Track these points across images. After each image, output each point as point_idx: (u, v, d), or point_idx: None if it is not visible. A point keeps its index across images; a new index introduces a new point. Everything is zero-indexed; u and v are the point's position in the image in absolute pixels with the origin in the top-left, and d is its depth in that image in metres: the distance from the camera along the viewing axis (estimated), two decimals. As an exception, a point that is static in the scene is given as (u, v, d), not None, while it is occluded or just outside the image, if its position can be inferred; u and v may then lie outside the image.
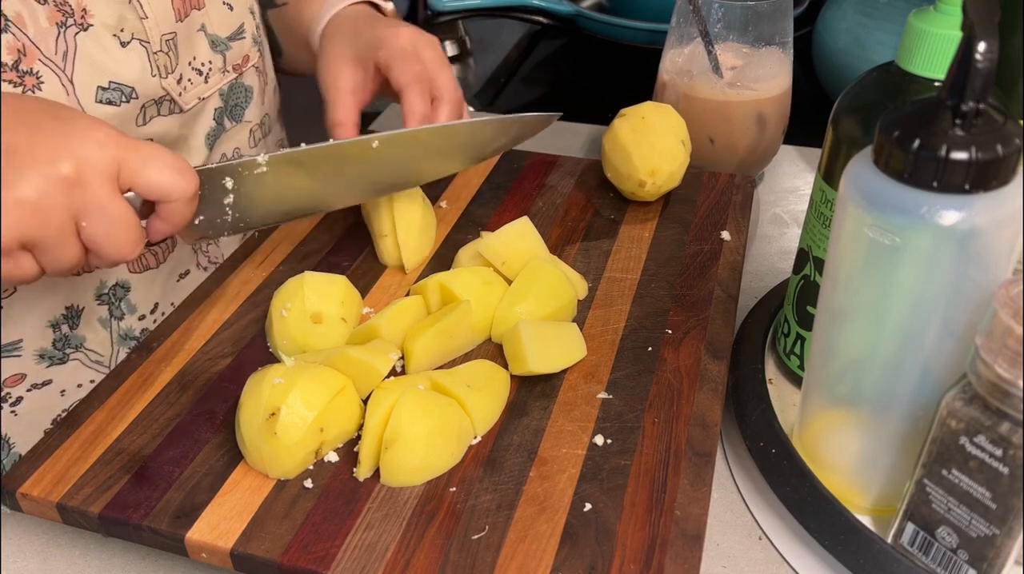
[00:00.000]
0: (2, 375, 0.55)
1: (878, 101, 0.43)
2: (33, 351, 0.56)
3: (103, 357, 0.60)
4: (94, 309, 0.58)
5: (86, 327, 0.58)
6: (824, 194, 0.46)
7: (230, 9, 0.62)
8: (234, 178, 0.50)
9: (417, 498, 0.42)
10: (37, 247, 0.40)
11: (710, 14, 0.69)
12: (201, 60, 0.59)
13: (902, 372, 0.39)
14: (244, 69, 0.64)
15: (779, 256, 0.69)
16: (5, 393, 0.56)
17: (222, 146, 0.64)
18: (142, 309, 0.61)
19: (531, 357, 0.47)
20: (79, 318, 0.57)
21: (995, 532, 0.37)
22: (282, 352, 0.50)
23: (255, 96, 0.66)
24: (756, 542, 0.47)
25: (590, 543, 0.40)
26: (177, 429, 0.46)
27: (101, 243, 0.41)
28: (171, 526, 0.41)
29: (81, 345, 0.58)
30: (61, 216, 0.40)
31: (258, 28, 0.66)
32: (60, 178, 0.39)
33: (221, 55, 0.61)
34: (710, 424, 0.46)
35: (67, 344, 0.57)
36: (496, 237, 0.55)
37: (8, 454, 0.58)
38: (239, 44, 0.63)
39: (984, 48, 0.33)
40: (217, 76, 0.61)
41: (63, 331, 0.56)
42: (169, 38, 0.56)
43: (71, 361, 0.58)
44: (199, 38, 0.59)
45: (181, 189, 0.43)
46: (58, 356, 0.57)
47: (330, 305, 0.51)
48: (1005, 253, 0.36)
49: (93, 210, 0.40)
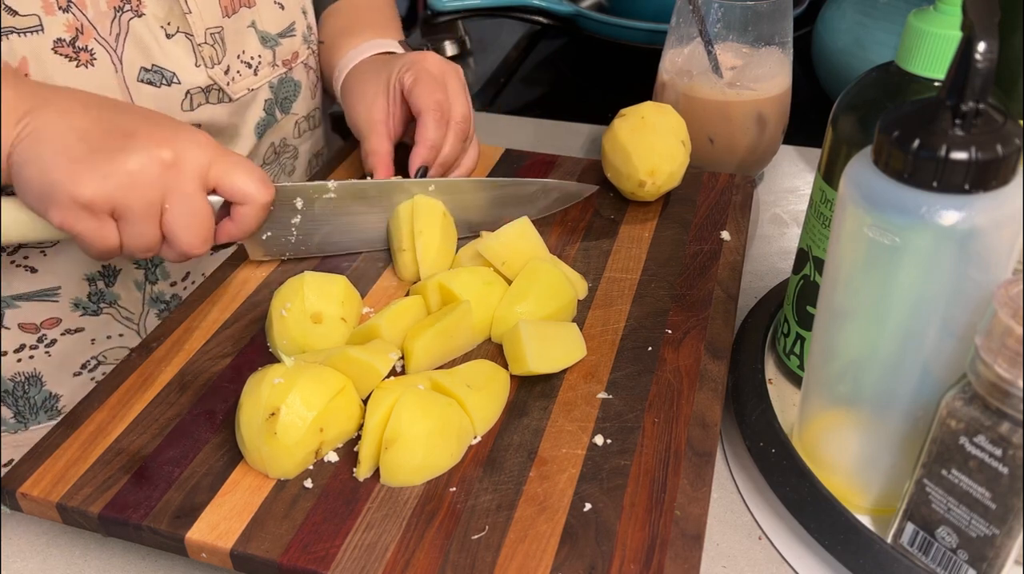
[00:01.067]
0: (40, 317, 0.61)
1: (878, 101, 0.43)
2: (70, 299, 0.62)
3: (133, 315, 0.65)
4: (131, 271, 0.64)
5: (121, 286, 0.64)
6: (824, 194, 0.46)
7: (281, 8, 0.66)
8: (304, 199, 0.56)
9: (417, 498, 0.42)
10: (124, 217, 0.45)
11: (710, 14, 0.69)
12: (251, 54, 0.64)
13: (902, 372, 0.39)
14: (294, 65, 0.68)
15: (779, 256, 0.69)
16: (41, 334, 0.62)
17: (271, 136, 0.68)
18: (175, 276, 0.66)
19: (531, 357, 0.47)
20: (115, 278, 0.63)
21: (995, 532, 0.37)
22: (282, 352, 0.50)
23: (303, 90, 0.70)
24: (756, 542, 0.47)
25: (590, 543, 0.40)
26: (177, 429, 0.46)
27: (177, 229, 0.47)
28: (171, 526, 0.41)
29: (115, 302, 0.64)
30: (152, 193, 0.45)
31: (310, 28, 0.70)
32: (160, 160, 0.45)
33: (271, 50, 0.66)
34: (710, 424, 0.46)
35: (101, 299, 0.63)
36: (496, 237, 0.55)
37: (40, 391, 0.64)
38: (289, 41, 0.67)
39: (984, 48, 0.33)
40: (267, 70, 0.65)
41: (99, 286, 0.63)
42: (215, 31, 0.60)
43: (103, 314, 0.64)
44: (249, 34, 0.63)
45: (260, 194, 0.49)
46: (92, 308, 0.63)
47: (330, 305, 0.51)
48: (1005, 253, 0.36)
49: (179, 196, 0.46)
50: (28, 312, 0.61)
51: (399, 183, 0.58)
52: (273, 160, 0.71)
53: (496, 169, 0.70)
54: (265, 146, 0.68)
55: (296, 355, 0.48)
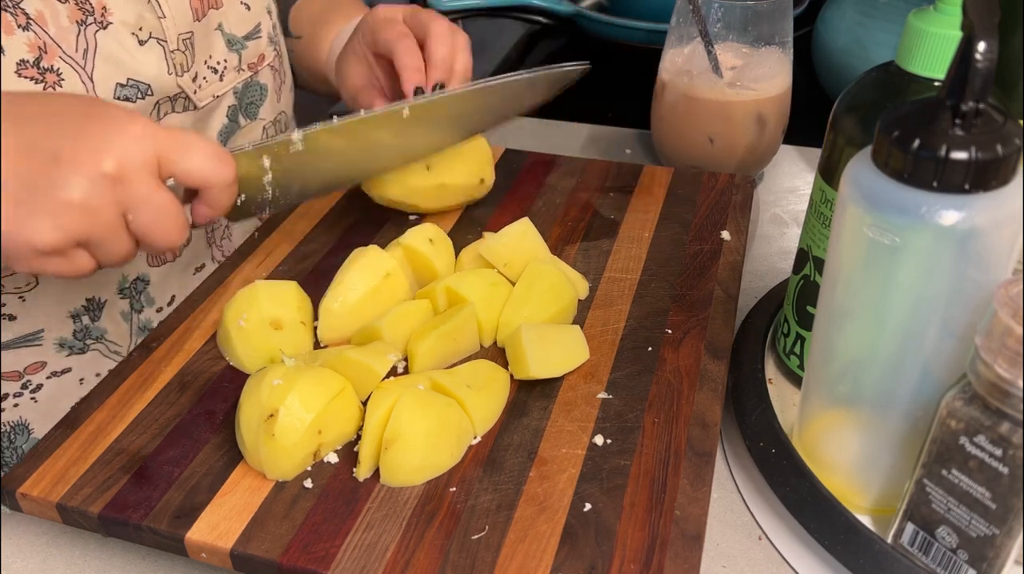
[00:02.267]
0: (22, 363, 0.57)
1: (878, 101, 0.43)
2: (54, 340, 0.57)
3: (121, 347, 0.61)
4: (116, 302, 0.60)
5: (107, 319, 0.60)
6: (824, 194, 0.46)
7: (247, 8, 0.63)
8: (271, 158, 0.51)
9: (417, 498, 0.42)
10: (91, 244, 0.42)
11: (710, 14, 0.69)
12: (217, 59, 0.60)
13: (902, 372, 0.39)
14: (259, 68, 0.65)
15: (779, 256, 0.69)
16: (25, 380, 0.57)
17: (235, 143, 0.65)
18: (160, 302, 0.63)
19: (532, 362, 0.47)
20: (101, 311, 0.59)
21: (995, 532, 0.37)
22: (245, 362, 0.50)
23: (270, 94, 0.67)
24: (756, 542, 0.47)
25: (590, 543, 0.40)
26: (177, 429, 0.46)
27: (149, 233, 0.43)
28: (171, 526, 0.41)
29: (102, 336, 0.60)
30: (109, 213, 0.42)
31: (275, 27, 0.67)
32: (104, 177, 0.41)
33: (237, 54, 0.62)
34: (710, 424, 0.46)
35: (88, 335, 0.59)
36: (498, 238, 0.55)
37: (28, 439, 0.60)
38: (255, 43, 0.64)
39: (984, 48, 0.32)
40: (232, 75, 0.62)
41: (84, 322, 0.58)
42: (186, 37, 0.57)
43: (91, 351, 0.60)
44: (216, 37, 0.60)
45: (220, 175, 0.45)
46: (78, 346, 0.59)
47: (287, 310, 0.51)
48: (1005, 253, 0.36)
49: (138, 203, 0.42)
50: (10, 360, 0.56)
51: (369, 117, 0.54)
52: None
53: (496, 169, 0.70)
54: None
55: (296, 356, 0.48)
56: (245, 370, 0.50)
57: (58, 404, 0.59)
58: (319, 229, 0.63)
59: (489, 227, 0.63)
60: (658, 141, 0.77)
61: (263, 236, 0.62)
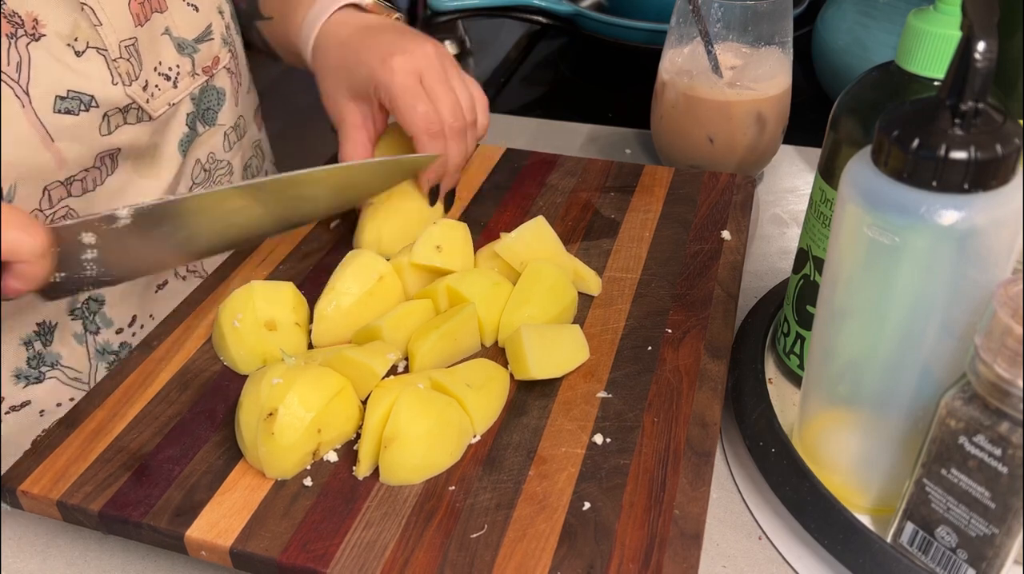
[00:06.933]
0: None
1: (878, 101, 0.43)
2: (9, 372, 0.55)
3: (81, 373, 0.59)
4: (67, 324, 0.57)
5: (61, 343, 0.57)
6: (824, 194, 0.46)
7: (195, 10, 0.60)
8: (95, 233, 0.46)
9: (416, 497, 0.42)
10: None
11: (710, 14, 0.69)
12: (168, 64, 0.58)
13: (901, 372, 0.39)
14: (215, 71, 0.62)
15: (779, 256, 0.69)
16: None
17: (196, 151, 0.63)
18: (119, 322, 0.60)
19: (533, 363, 0.47)
20: (52, 334, 0.56)
21: (994, 531, 0.37)
22: (239, 363, 0.50)
23: (228, 98, 0.64)
24: (756, 542, 0.47)
25: (589, 542, 0.40)
26: (177, 427, 0.46)
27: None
28: (171, 524, 0.41)
29: (57, 363, 0.57)
30: None
31: (228, 28, 0.64)
32: None
33: (189, 58, 0.60)
34: (709, 423, 0.46)
35: (42, 362, 0.56)
36: (514, 238, 0.55)
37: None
38: (207, 46, 0.61)
39: (983, 48, 0.33)
40: (187, 80, 0.59)
41: (36, 349, 0.56)
42: (129, 43, 0.54)
43: (48, 379, 0.57)
44: (164, 42, 0.57)
45: (27, 247, 0.42)
46: (34, 375, 0.56)
47: (282, 311, 0.51)
48: (1004, 253, 0.36)
49: None
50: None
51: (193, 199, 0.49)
52: (204, 179, 0.64)
53: (497, 168, 0.70)
54: (191, 164, 0.62)
55: (296, 355, 0.48)
56: (239, 371, 0.50)
57: (19, 438, 0.57)
58: (319, 228, 0.63)
59: (490, 226, 0.63)
60: (658, 141, 0.77)
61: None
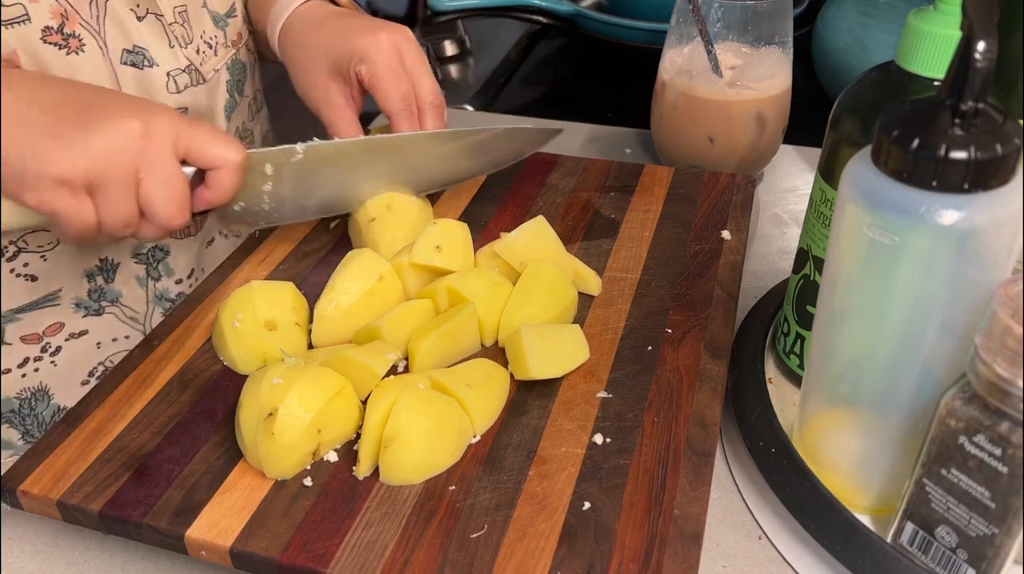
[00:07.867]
0: (42, 325, 0.59)
1: (878, 101, 0.43)
2: (71, 300, 0.60)
3: (138, 314, 0.64)
4: (130, 266, 0.62)
5: (122, 282, 0.62)
6: (824, 194, 0.46)
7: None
8: (273, 164, 0.53)
9: (416, 497, 0.42)
10: (100, 190, 0.45)
11: (710, 14, 0.69)
12: (210, 34, 0.63)
13: (901, 372, 0.39)
14: (240, 45, 0.67)
15: (779, 256, 0.69)
16: (45, 343, 0.60)
17: (235, 119, 0.67)
18: (180, 273, 0.65)
19: (533, 363, 0.47)
20: (114, 272, 0.61)
21: (994, 531, 0.37)
22: (238, 363, 0.50)
23: (249, 72, 0.69)
24: (756, 542, 0.47)
25: (589, 542, 0.40)
26: (177, 427, 0.46)
27: (153, 199, 0.46)
28: (171, 524, 0.41)
29: (117, 299, 0.62)
30: (126, 163, 0.45)
31: (246, 8, 0.68)
32: (131, 130, 0.45)
33: (223, 31, 0.64)
34: (709, 423, 0.46)
35: (103, 296, 0.61)
36: (514, 238, 0.55)
37: (48, 405, 0.61)
38: (234, 21, 0.66)
39: (983, 48, 0.33)
40: (223, 50, 0.64)
41: (98, 282, 0.61)
42: (181, 10, 0.60)
43: (106, 314, 0.62)
44: (204, 14, 0.63)
45: (230, 156, 0.49)
46: (93, 307, 0.61)
47: (282, 311, 0.51)
48: (1004, 253, 0.36)
49: (153, 164, 0.46)
50: (29, 322, 0.58)
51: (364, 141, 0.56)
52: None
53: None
54: (232, 131, 0.67)
55: (296, 355, 0.48)
56: (239, 371, 0.50)
57: (77, 368, 0.62)
58: (319, 228, 0.63)
59: (490, 226, 0.63)
60: (658, 141, 0.77)
61: (264, 236, 0.62)
